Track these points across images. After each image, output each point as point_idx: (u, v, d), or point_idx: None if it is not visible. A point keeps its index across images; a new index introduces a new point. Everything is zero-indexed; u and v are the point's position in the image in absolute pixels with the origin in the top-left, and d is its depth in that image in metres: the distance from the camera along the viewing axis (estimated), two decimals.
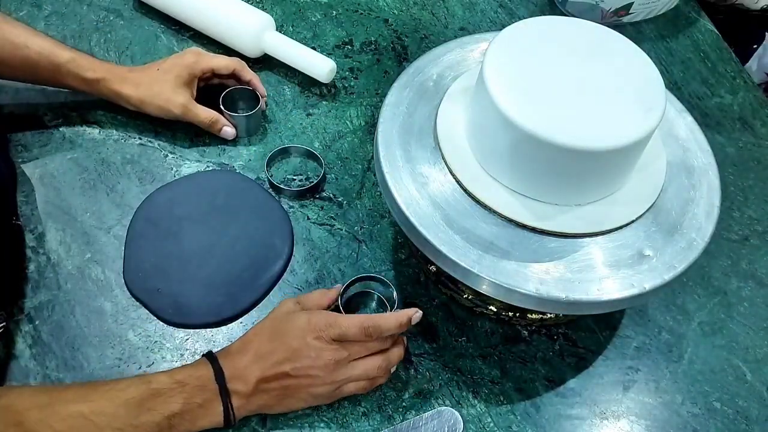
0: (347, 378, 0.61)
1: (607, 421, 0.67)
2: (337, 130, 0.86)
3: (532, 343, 0.71)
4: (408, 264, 0.75)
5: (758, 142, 0.90)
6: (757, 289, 0.77)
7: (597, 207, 0.62)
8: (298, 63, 0.88)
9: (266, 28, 0.89)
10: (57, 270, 0.72)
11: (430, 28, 0.99)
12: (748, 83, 0.97)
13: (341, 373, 0.61)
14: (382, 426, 0.65)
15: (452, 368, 0.69)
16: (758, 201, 0.84)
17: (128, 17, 0.94)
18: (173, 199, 0.77)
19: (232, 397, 0.59)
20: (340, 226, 0.77)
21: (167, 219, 0.75)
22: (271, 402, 0.61)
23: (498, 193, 0.61)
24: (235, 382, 0.59)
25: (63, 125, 0.83)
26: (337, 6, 1.00)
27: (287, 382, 0.60)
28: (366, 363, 0.62)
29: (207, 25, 0.91)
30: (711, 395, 0.69)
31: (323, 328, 0.60)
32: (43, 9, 0.94)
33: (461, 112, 0.66)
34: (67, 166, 0.79)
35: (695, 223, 0.62)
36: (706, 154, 0.67)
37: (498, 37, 0.62)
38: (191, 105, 0.80)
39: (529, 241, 0.60)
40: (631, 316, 0.74)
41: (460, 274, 0.59)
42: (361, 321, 0.61)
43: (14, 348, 0.67)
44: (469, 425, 0.66)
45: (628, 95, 0.60)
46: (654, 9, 1.02)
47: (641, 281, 0.58)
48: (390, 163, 0.64)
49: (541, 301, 0.58)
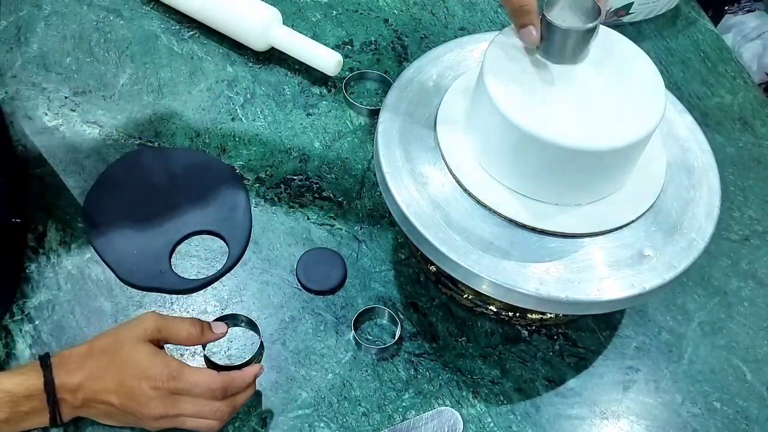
0: (177, 423, 0.59)
1: (607, 421, 0.67)
2: (337, 130, 0.86)
3: (532, 343, 0.71)
4: (408, 264, 0.75)
5: (758, 142, 0.90)
6: (757, 289, 0.77)
7: (597, 207, 0.62)
8: (304, 56, 0.89)
9: (273, 22, 0.89)
10: (57, 270, 0.72)
11: (430, 28, 0.98)
12: (748, 83, 0.97)
13: (169, 421, 0.58)
14: (382, 426, 0.65)
15: (452, 368, 0.69)
16: (758, 201, 0.84)
17: (128, 17, 0.94)
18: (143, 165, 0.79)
19: (61, 404, 0.57)
20: (340, 226, 0.77)
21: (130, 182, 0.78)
22: (98, 416, 0.60)
23: (498, 193, 0.61)
24: (64, 393, 0.57)
25: (63, 125, 0.83)
26: (337, 6, 1.00)
27: (112, 409, 0.58)
28: (203, 410, 0.58)
29: (214, 18, 0.91)
30: (711, 395, 0.69)
31: (164, 379, 0.57)
32: (43, 9, 0.94)
33: (461, 112, 0.66)
34: (67, 166, 0.79)
35: (695, 223, 0.62)
36: (706, 154, 0.67)
37: (498, 37, 0.62)
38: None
39: (529, 241, 0.60)
40: (631, 316, 0.74)
41: (460, 274, 0.59)
42: (209, 381, 0.58)
43: (14, 348, 0.67)
44: (469, 425, 0.66)
45: (628, 95, 0.60)
46: (654, 9, 1.02)
47: (641, 281, 0.58)
48: (390, 163, 0.64)
49: (541, 301, 0.58)
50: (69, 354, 0.59)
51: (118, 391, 0.57)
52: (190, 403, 0.58)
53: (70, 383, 0.57)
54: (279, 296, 0.72)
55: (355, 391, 0.67)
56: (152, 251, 0.73)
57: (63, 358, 0.59)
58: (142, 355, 0.58)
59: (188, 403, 0.58)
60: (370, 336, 0.71)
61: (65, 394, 0.57)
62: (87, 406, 0.58)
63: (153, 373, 0.57)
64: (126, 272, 0.72)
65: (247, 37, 0.90)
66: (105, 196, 0.77)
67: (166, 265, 0.72)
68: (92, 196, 0.76)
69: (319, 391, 0.67)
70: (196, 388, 0.58)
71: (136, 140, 0.82)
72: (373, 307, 0.71)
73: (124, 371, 0.57)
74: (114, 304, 0.70)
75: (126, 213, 0.75)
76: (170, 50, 0.92)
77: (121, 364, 0.58)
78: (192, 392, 0.58)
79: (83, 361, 0.58)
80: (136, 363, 0.57)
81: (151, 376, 0.57)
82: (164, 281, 0.72)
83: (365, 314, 0.71)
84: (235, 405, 0.61)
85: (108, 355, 0.58)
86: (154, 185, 0.78)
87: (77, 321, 0.69)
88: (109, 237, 0.74)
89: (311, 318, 0.71)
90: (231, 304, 0.71)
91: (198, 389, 0.58)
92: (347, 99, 0.88)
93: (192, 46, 0.92)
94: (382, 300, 0.72)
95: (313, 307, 0.72)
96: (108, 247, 0.73)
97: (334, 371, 0.68)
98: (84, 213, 0.75)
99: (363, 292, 0.73)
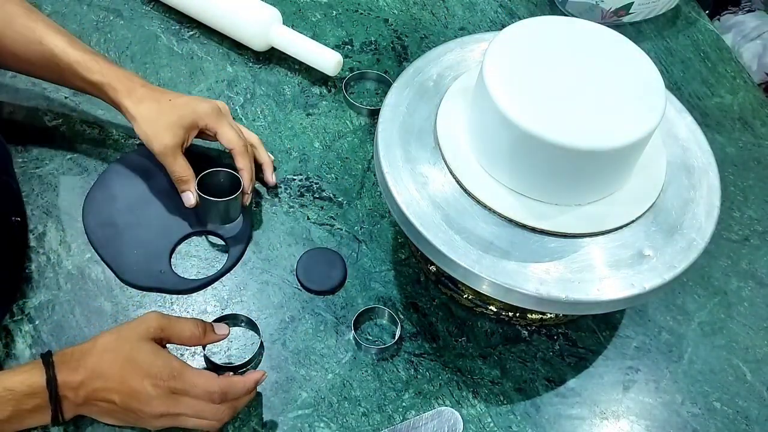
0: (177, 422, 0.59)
1: (607, 421, 0.67)
2: (337, 130, 0.86)
3: (532, 343, 0.71)
4: (408, 264, 0.75)
5: (758, 142, 0.90)
6: (757, 289, 0.77)
7: (597, 207, 0.62)
8: (304, 56, 0.89)
9: (274, 22, 0.89)
10: (57, 270, 0.72)
11: (430, 28, 0.99)
12: (748, 83, 0.97)
13: (170, 420, 0.59)
14: (382, 426, 0.65)
15: (452, 368, 0.69)
16: (758, 201, 0.84)
17: (128, 17, 0.94)
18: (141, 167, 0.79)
19: (63, 402, 0.57)
20: (340, 226, 0.77)
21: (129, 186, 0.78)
22: (99, 414, 0.60)
23: (498, 193, 0.61)
24: (66, 390, 0.57)
25: (63, 125, 0.83)
26: (337, 6, 1.00)
27: (113, 407, 0.58)
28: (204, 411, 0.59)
29: (214, 18, 0.92)
30: (711, 395, 0.69)
31: (165, 378, 0.57)
32: (43, 9, 0.93)
33: (461, 112, 0.66)
34: (67, 166, 0.79)
35: (695, 223, 0.62)
36: (706, 154, 0.67)
37: (498, 37, 0.62)
38: (173, 151, 0.72)
39: (529, 241, 0.60)
40: (631, 316, 0.74)
41: (460, 274, 0.59)
42: (208, 384, 0.58)
43: (14, 348, 0.67)
44: (469, 425, 0.66)
45: (628, 95, 0.60)
46: (654, 9, 1.02)
47: (641, 281, 0.58)
48: (390, 163, 0.64)
49: (541, 301, 0.58)
50: (71, 352, 0.59)
51: (120, 389, 0.57)
52: (190, 403, 0.58)
53: (72, 381, 0.57)
54: (279, 296, 0.72)
55: (355, 391, 0.67)
56: (152, 251, 0.73)
57: (65, 356, 0.59)
58: (144, 354, 0.58)
59: (188, 403, 0.58)
60: (370, 336, 0.71)
61: (67, 392, 0.57)
62: (88, 404, 0.58)
63: (155, 371, 0.57)
64: (126, 272, 0.72)
65: (247, 37, 0.90)
66: (105, 196, 0.77)
67: (166, 265, 0.72)
68: (92, 197, 0.76)
69: (319, 391, 0.67)
70: (195, 389, 0.58)
71: (136, 140, 0.82)
72: (373, 307, 0.71)
73: (126, 369, 0.57)
74: (114, 304, 0.70)
75: (126, 213, 0.75)
76: (170, 50, 0.92)
77: (123, 362, 0.58)
78: (191, 393, 0.58)
79: (85, 359, 0.58)
80: (138, 361, 0.58)
81: (152, 374, 0.57)
82: (164, 281, 0.72)
83: (365, 314, 0.71)
84: (236, 407, 0.61)
85: (110, 353, 0.58)
86: (154, 185, 0.78)
87: (77, 321, 0.69)
88: (109, 237, 0.74)
89: (311, 318, 0.71)
90: (231, 304, 0.71)
91: (197, 390, 0.58)
92: (347, 99, 0.88)
93: (192, 46, 0.92)
94: (382, 300, 0.72)
95: (313, 307, 0.72)
96: (108, 248, 0.73)
97: (334, 371, 0.68)
98: (84, 213, 0.75)
99: (363, 292, 0.73)
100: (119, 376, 0.57)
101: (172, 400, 0.58)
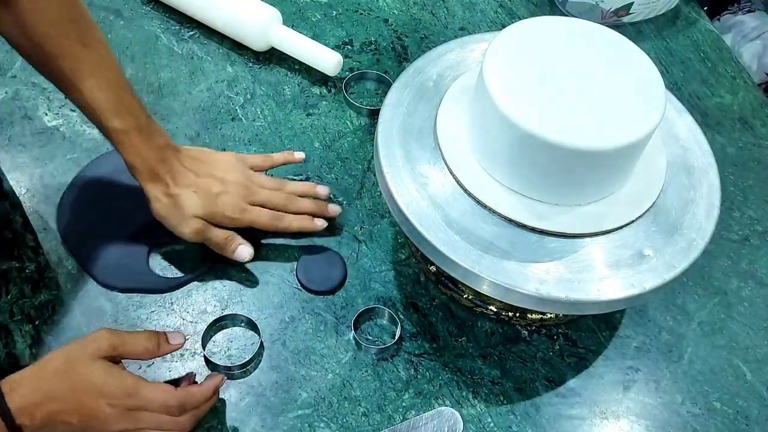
0: None
1: (607, 421, 0.67)
2: (337, 130, 0.86)
3: (532, 343, 0.71)
4: (408, 264, 0.75)
5: (758, 142, 0.90)
6: (757, 289, 0.77)
7: (597, 207, 0.62)
8: (304, 56, 0.89)
9: (274, 22, 0.89)
10: (57, 270, 0.72)
11: (430, 28, 0.99)
12: (748, 83, 0.97)
13: None
14: (382, 426, 0.65)
15: (452, 368, 0.69)
16: (758, 201, 0.84)
17: (128, 17, 0.94)
18: None
19: (22, 430, 0.55)
20: (340, 226, 0.77)
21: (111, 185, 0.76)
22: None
23: (498, 193, 0.61)
24: (23, 417, 0.55)
25: (63, 125, 0.83)
26: (337, 6, 1.00)
27: (73, 428, 0.57)
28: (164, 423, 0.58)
29: (214, 18, 0.92)
30: (711, 395, 0.69)
31: (119, 396, 0.56)
32: None
33: (461, 112, 0.66)
34: (67, 166, 0.79)
35: (695, 223, 0.62)
36: (706, 154, 0.67)
37: (498, 37, 0.62)
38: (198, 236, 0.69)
39: (529, 241, 0.60)
40: (631, 316, 0.74)
41: (460, 274, 0.59)
42: (165, 398, 0.57)
43: (14, 348, 0.67)
44: (469, 425, 0.66)
45: (628, 95, 0.60)
46: (654, 9, 1.02)
47: (641, 281, 0.58)
48: (390, 163, 0.64)
49: (541, 301, 0.58)
50: (20, 378, 0.57)
51: (77, 410, 0.56)
52: (149, 417, 0.58)
53: (26, 406, 0.55)
54: (279, 296, 0.72)
55: (355, 391, 0.67)
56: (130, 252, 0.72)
57: (13, 383, 0.56)
58: (97, 374, 0.57)
59: (147, 418, 0.58)
60: (370, 336, 0.71)
61: (23, 419, 0.55)
62: (48, 427, 0.57)
63: (108, 390, 0.56)
64: (104, 275, 0.71)
65: (247, 37, 0.90)
66: (78, 199, 0.75)
67: (144, 266, 0.72)
68: (64, 202, 0.75)
69: (319, 391, 0.67)
70: (152, 405, 0.57)
71: None
72: (373, 307, 0.71)
73: (80, 391, 0.56)
74: (114, 304, 0.70)
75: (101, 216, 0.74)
76: (170, 50, 0.92)
77: (74, 383, 0.56)
78: (148, 408, 0.57)
79: (36, 384, 0.56)
80: (91, 381, 0.56)
81: (107, 394, 0.56)
82: (144, 282, 0.71)
83: (365, 314, 0.71)
84: (197, 416, 0.61)
85: (61, 374, 0.57)
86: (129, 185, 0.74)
87: (77, 321, 0.69)
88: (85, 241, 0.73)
89: (311, 318, 0.71)
90: (231, 304, 0.71)
91: (154, 405, 0.57)
92: (347, 99, 0.88)
93: (192, 46, 0.92)
94: (382, 300, 0.72)
95: (313, 307, 0.72)
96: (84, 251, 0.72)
97: (334, 371, 0.68)
98: (58, 219, 0.74)
99: (363, 292, 0.73)
100: (74, 399, 0.56)
101: (131, 417, 0.57)
